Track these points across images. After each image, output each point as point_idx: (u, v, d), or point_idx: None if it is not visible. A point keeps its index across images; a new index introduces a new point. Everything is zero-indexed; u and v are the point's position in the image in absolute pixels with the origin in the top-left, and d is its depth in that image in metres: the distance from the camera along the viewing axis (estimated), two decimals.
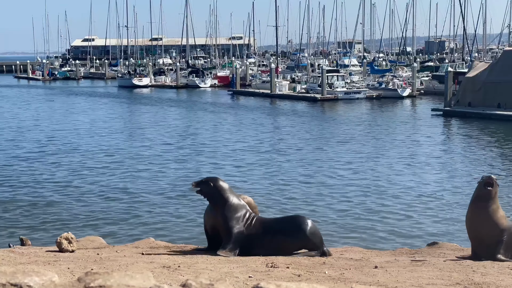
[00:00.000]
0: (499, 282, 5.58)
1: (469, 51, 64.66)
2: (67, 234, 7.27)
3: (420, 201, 16.99)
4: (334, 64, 75.72)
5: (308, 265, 6.49)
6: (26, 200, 17.15)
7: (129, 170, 21.88)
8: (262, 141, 29.76)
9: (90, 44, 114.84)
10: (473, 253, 7.38)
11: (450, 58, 77.42)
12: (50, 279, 2.57)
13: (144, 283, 2.53)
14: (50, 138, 31.06)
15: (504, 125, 34.40)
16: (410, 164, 22.92)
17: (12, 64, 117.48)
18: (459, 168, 22.47)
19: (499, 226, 7.22)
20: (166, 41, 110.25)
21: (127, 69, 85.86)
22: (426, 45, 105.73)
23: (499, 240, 7.16)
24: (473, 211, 7.35)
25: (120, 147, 28.10)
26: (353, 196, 17.59)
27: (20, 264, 6.11)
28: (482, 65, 41.74)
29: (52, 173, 21.27)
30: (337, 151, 26.41)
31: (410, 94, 55.12)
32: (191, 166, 22.75)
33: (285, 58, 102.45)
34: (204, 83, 74.01)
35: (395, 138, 30.48)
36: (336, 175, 20.75)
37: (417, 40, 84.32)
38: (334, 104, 50.86)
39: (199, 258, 6.77)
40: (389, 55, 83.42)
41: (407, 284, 5.46)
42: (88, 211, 15.95)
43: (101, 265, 6.14)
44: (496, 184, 7.33)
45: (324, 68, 55.82)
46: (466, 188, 18.83)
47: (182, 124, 38.32)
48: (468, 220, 7.43)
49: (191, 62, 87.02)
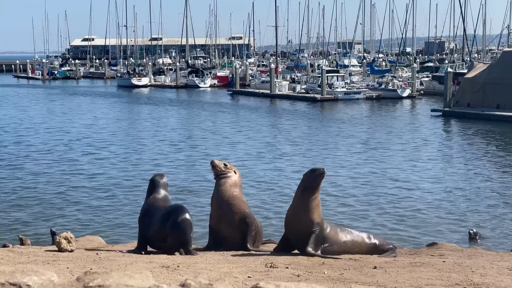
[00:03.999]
0: (498, 283, 5.58)
1: (468, 52, 64.68)
2: (66, 233, 7.26)
3: (419, 201, 16.99)
4: (334, 64, 75.70)
5: (307, 265, 6.49)
6: (25, 200, 17.15)
7: (129, 170, 21.88)
8: (262, 141, 29.75)
9: (89, 43, 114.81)
10: (284, 243, 7.39)
11: (450, 58, 77.41)
12: (49, 279, 2.57)
13: (143, 283, 2.53)
14: (50, 137, 31.05)
15: (503, 126, 34.41)
16: (409, 165, 22.92)
17: (12, 64, 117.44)
18: (458, 168, 22.47)
19: (316, 219, 7.22)
20: (165, 41, 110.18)
21: (126, 69, 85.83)
22: (426, 46, 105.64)
23: (311, 232, 7.16)
24: (300, 201, 7.27)
25: (119, 147, 28.09)
26: (352, 196, 17.58)
27: (19, 263, 6.10)
28: (481, 66, 41.75)
29: (51, 173, 21.26)
30: (336, 151, 26.41)
31: (410, 94, 55.12)
32: (191, 166, 22.73)
33: (285, 58, 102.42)
34: (203, 83, 74.00)
35: (395, 139, 30.49)
36: (335, 176, 20.74)
37: (417, 40, 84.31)
38: (333, 105, 50.86)
39: (198, 258, 6.77)
40: (389, 55, 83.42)
41: (406, 284, 5.46)
42: (87, 211, 15.95)
43: (100, 264, 6.14)
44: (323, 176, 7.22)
45: (324, 69, 55.82)
46: (465, 188, 18.84)
47: (181, 124, 38.32)
48: (293, 209, 7.35)
49: (190, 62, 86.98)
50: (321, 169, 7.22)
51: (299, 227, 7.25)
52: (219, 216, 7.68)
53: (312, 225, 7.19)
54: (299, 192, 7.32)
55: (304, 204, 7.23)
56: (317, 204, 7.27)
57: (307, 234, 7.17)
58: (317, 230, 7.19)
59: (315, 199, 7.22)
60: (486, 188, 18.94)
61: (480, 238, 13.13)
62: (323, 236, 7.25)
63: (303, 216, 7.21)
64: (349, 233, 7.62)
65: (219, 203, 7.66)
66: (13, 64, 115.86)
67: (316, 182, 7.19)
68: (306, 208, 7.21)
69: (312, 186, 7.20)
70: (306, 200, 7.21)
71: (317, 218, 7.24)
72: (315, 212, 7.24)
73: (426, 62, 79.12)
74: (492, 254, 8.07)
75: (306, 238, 7.18)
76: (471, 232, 13.26)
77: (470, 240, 13.07)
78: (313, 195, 7.19)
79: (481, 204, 16.82)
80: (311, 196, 7.19)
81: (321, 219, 7.30)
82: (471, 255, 7.76)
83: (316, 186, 7.20)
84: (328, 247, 7.25)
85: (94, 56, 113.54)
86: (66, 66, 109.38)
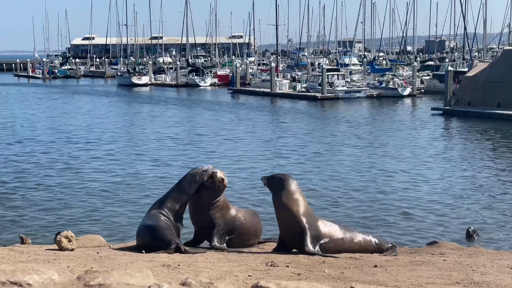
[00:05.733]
0: (498, 282, 5.57)
1: (469, 51, 64.64)
2: (66, 232, 7.26)
3: (420, 200, 16.99)
4: (334, 63, 75.69)
5: (307, 264, 6.49)
6: (25, 199, 17.15)
7: (129, 169, 21.88)
8: (262, 139, 29.76)
9: (90, 42, 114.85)
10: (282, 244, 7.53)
11: (451, 57, 77.37)
12: (49, 278, 2.58)
13: (143, 282, 2.53)
14: (50, 136, 31.04)
15: (504, 124, 34.40)
16: (409, 164, 22.92)
17: (12, 63, 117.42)
18: (459, 167, 22.47)
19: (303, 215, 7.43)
20: (166, 39, 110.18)
21: (127, 68, 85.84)
22: (426, 45, 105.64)
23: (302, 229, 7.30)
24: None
25: (120, 145, 28.10)
26: (352, 195, 17.58)
27: (20, 262, 6.11)
28: (482, 65, 41.73)
29: (51, 172, 21.27)
30: (336, 150, 26.41)
31: (411, 93, 55.11)
32: (190, 166, 22.73)
33: (285, 57, 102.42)
34: (204, 82, 73.98)
35: (395, 138, 30.49)
36: (335, 174, 20.75)
37: (418, 39, 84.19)
38: (334, 103, 50.84)
39: (199, 257, 6.77)
40: (389, 54, 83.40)
41: (406, 283, 5.46)
42: (88, 210, 15.96)
43: (100, 263, 6.14)
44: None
45: (324, 67, 55.81)
46: (465, 187, 18.84)
47: (181, 123, 38.30)
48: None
49: (191, 60, 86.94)
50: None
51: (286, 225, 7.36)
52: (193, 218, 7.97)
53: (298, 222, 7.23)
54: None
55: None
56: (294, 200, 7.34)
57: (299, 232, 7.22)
58: (306, 226, 7.21)
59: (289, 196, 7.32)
60: (487, 186, 18.94)
61: (478, 236, 13.15)
62: (316, 230, 7.26)
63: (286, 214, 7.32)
64: (348, 230, 7.64)
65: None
66: (14, 63, 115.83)
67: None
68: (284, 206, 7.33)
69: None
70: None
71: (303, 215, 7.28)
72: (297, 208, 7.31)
73: (427, 60, 79.08)
74: (493, 253, 8.07)
75: (298, 236, 7.23)
76: (470, 230, 13.27)
77: (468, 237, 13.09)
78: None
79: (482, 202, 16.83)
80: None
81: (308, 215, 7.31)
82: (472, 253, 7.75)
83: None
84: (325, 244, 7.26)
85: (95, 55, 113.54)
86: (66, 65, 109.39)
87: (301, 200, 7.34)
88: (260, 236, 8.34)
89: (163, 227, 7.41)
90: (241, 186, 18.78)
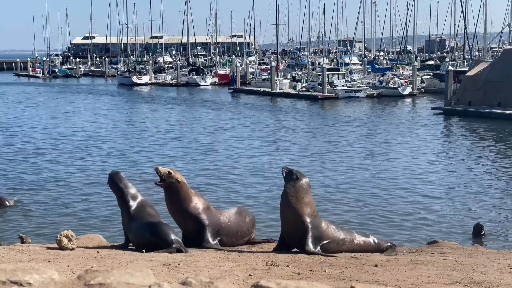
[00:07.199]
0: (499, 281, 5.58)
1: (469, 50, 64.60)
2: (67, 232, 7.26)
3: (420, 199, 17.00)
4: (334, 62, 75.65)
5: (308, 263, 6.50)
6: (26, 198, 17.15)
7: (129, 169, 21.87)
8: (262, 139, 29.75)
9: (90, 42, 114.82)
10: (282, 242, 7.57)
11: (451, 56, 77.30)
12: (50, 277, 2.58)
13: (144, 281, 2.53)
14: (50, 135, 31.06)
15: (504, 124, 34.38)
16: (409, 163, 22.92)
17: (13, 62, 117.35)
18: (459, 166, 22.46)
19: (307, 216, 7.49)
20: (166, 39, 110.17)
21: (127, 67, 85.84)
22: (426, 44, 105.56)
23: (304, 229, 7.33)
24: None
25: (120, 145, 28.10)
26: (353, 194, 17.58)
27: (20, 261, 6.11)
28: (482, 64, 41.71)
29: (51, 171, 21.28)
30: (337, 149, 26.40)
31: (411, 92, 55.08)
32: (191, 165, 22.74)
33: (286, 56, 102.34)
34: (204, 81, 73.97)
35: (395, 137, 30.48)
36: (336, 173, 20.75)
37: (418, 38, 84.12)
38: (334, 103, 50.83)
39: (199, 256, 6.78)
40: (389, 53, 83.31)
41: (407, 282, 5.46)
42: (88, 209, 15.96)
43: (101, 263, 6.14)
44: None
45: (325, 67, 55.78)
46: (465, 186, 18.84)
47: (181, 122, 38.30)
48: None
49: (191, 60, 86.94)
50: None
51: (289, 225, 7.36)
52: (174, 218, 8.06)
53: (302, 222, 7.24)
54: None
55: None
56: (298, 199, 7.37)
57: (301, 232, 7.23)
58: (310, 227, 7.22)
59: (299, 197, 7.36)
60: (487, 186, 18.94)
61: (484, 235, 13.15)
62: (318, 231, 7.27)
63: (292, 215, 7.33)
64: (348, 231, 7.65)
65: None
66: (14, 63, 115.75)
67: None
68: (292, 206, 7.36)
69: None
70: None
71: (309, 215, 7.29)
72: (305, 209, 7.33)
73: (427, 60, 79.03)
74: (493, 252, 8.07)
75: (300, 235, 7.23)
76: (481, 225, 13.22)
77: (476, 232, 13.08)
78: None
79: (482, 202, 16.82)
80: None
81: (313, 216, 7.32)
82: (472, 253, 7.75)
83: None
84: (326, 244, 7.27)
85: (95, 54, 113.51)
86: (66, 64, 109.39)
87: (308, 201, 7.34)
88: (250, 234, 8.27)
89: (163, 224, 7.47)
90: (240, 185, 18.78)
